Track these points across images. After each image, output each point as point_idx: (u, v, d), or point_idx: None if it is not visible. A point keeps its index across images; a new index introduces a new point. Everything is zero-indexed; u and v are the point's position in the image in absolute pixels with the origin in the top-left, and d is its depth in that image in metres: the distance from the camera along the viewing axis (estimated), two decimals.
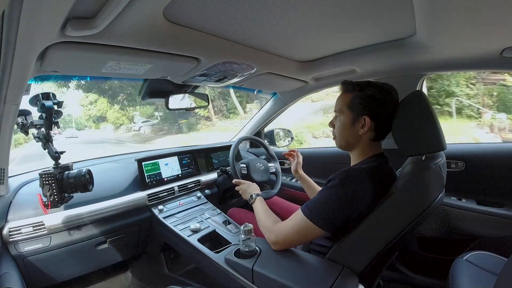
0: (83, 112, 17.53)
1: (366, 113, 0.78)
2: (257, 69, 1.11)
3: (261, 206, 0.94)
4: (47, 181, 0.85)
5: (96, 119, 17.60)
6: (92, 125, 18.58)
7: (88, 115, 17.52)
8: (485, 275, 0.82)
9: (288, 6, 0.67)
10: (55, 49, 0.64)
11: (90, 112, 17.07)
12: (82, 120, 19.30)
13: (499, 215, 1.07)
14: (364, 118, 0.78)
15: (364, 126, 0.79)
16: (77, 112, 18.81)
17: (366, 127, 0.79)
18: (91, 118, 17.67)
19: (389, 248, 0.72)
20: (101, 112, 16.01)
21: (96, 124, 18.33)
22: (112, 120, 15.97)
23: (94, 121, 18.10)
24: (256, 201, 0.97)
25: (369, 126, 0.79)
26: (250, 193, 1.02)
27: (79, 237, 1.05)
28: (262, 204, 0.95)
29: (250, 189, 1.05)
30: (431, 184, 0.71)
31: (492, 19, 0.66)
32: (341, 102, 0.83)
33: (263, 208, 0.93)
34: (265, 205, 0.95)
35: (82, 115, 18.07)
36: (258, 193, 1.01)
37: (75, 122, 20.05)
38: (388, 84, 0.81)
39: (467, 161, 1.17)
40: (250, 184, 1.08)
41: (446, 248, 1.21)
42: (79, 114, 18.53)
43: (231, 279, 0.84)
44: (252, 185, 1.07)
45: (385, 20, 0.80)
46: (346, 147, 0.86)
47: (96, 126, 18.37)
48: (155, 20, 0.62)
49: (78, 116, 19.21)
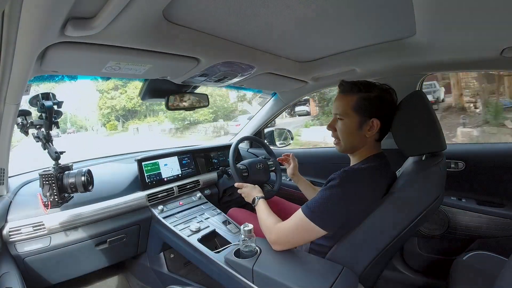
0: (101, 101, 13.02)
1: (375, 115, 0.77)
2: (257, 69, 1.11)
3: (264, 208, 0.94)
4: (47, 181, 0.85)
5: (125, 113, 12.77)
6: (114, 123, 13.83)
7: (110, 107, 12.90)
8: (485, 275, 0.82)
9: (288, 6, 0.67)
10: (55, 49, 0.64)
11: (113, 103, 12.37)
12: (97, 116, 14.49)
13: (499, 215, 1.07)
14: (373, 121, 0.77)
15: (372, 129, 0.77)
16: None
17: (375, 129, 0.77)
18: (116, 111, 12.88)
19: (389, 248, 0.72)
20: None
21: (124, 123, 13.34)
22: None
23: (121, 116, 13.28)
24: (259, 204, 0.97)
25: (378, 128, 0.77)
26: (253, 196, 1.01)
27: (79, 237, 1.05)
28: (265, 206, 0.95)
29: (253, 192, 1.04)
30: (431, 184, 0.71)
31: (492, 19, 0.66)
32: (345, 104, 0.80)
33: (265, 210, 0.93)
34: (267, 207, 0.95)
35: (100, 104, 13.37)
36: (260, 196, 1.01)
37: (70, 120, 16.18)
38: (386, 84, 0.81)
39: (467, 161, 1.17)
40: (252, 187, 1.07)
41: (446, 248, 1.21)
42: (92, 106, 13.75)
43: (231, 279, 0.84)
44: (255, 188, 1.06)
45: (385, 20, 0.80)
46: (351, 151, 0.84)
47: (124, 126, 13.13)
48: (155, 20, 0.62)
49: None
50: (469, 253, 0.93)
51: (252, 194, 1.03)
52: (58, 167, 0.89)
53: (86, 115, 16.76)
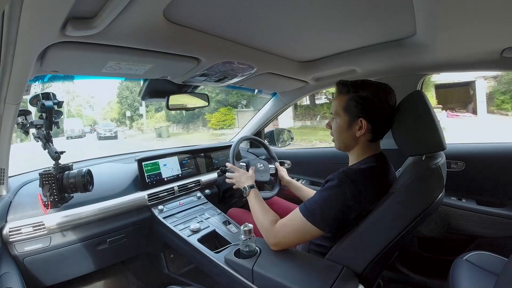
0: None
1: (362, 115, 0.77)
2: (257, 69, 1.11)
3: (256, 201, 0.92)
4: (47, 181, 0.85)
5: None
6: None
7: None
8: (485, 275, 0.82)
9: (288, 6, 0.67)
10: (55, 49, 0.64)
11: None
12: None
13: (499, 215, 1.07)
14: (361, 121, 0.77)
15: (361, 129, 0.78)
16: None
17: (363, 129, 0.78)
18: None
19: (389, 248, 0.72)
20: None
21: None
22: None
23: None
24: (251, 195, 0.95)
25: (366, 128, 0.77)
26: (244, 184, 1.00)
27: (79, 237, 1.05)
28: (257, 199, 0.93)
29: (244, 179, 1.02)
30: (431, 184, 0.71)
31: (492, 19, 0.66)
32: (337, 104, 0.82)
33: (258, 204, 0.91)
34: (260, 200, 0.93)
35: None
36: (252, 185, 0.99)
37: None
38: (384, 83, 0.80)
39: (467, 161, 1.17)
40: (243, 172, 1.05)
41: (446, 248, 1.21)
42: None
43: (231, 279, 0.84)
44: (245, 175, 1.04)
45: (385, 20, 0.80)
46: (345, 149, 0.85)
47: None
48: (155, 20, 0.62)
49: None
50: (469, 253, 0.93)
51: (243, 182, 1.02)
52: (58, 167, 0.89)
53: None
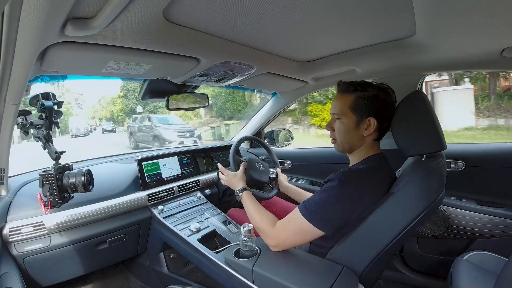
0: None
1: (372, 114, 0.77)
2: (257, 69, 1.11)
3: (250, 203, 0.90)
4: (47, 181, 0.85)
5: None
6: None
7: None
8: (485, 275, 0.82)
9: (288, 6, 0.67)
10: (55, 49, 0.64)
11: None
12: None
13: (499, 215, 1.07)
14: (369, 120, 0.77)
15: (369, 128, 0.77)
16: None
17: (372, 128, 0.77)
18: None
19: (389, 248, 0.72)
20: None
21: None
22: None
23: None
24: (244, 198, 0.93)
25: (374, 127, 0.77)
26: (235, 188, 0.98)
27: (79, 237, 1.05)
28: (250, 200, 0.91)
29: (234, 180, 1.01)
30: (431, 184, 0.71)
31: (492, 19, 0.66)
32: (342, 104, 0.80)
33: (253, 206, 0.89)
34: (254, 202, 0.91)
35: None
36: (243, 188, 0.97)
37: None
38: (383, 83, 0.81)
39: (467, 161, 1.17)
40: (233, 174, 1.03)
41: (446, 248, 1.21)
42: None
43: (231, 279, 0.84)
44: (235, 177, 1.02)
45: (385, 20, 0.80)
46: (349, 150, 0.83)
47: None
48: (155, 20, 0.62)
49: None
50: (469, 253, 0.93)
51: (233, 185, 1.00)
52: (58, 167, 0.89)
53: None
